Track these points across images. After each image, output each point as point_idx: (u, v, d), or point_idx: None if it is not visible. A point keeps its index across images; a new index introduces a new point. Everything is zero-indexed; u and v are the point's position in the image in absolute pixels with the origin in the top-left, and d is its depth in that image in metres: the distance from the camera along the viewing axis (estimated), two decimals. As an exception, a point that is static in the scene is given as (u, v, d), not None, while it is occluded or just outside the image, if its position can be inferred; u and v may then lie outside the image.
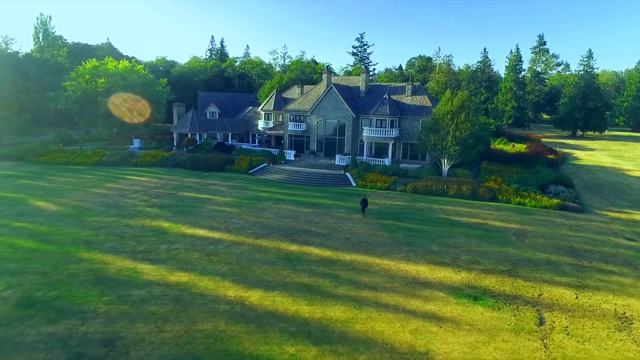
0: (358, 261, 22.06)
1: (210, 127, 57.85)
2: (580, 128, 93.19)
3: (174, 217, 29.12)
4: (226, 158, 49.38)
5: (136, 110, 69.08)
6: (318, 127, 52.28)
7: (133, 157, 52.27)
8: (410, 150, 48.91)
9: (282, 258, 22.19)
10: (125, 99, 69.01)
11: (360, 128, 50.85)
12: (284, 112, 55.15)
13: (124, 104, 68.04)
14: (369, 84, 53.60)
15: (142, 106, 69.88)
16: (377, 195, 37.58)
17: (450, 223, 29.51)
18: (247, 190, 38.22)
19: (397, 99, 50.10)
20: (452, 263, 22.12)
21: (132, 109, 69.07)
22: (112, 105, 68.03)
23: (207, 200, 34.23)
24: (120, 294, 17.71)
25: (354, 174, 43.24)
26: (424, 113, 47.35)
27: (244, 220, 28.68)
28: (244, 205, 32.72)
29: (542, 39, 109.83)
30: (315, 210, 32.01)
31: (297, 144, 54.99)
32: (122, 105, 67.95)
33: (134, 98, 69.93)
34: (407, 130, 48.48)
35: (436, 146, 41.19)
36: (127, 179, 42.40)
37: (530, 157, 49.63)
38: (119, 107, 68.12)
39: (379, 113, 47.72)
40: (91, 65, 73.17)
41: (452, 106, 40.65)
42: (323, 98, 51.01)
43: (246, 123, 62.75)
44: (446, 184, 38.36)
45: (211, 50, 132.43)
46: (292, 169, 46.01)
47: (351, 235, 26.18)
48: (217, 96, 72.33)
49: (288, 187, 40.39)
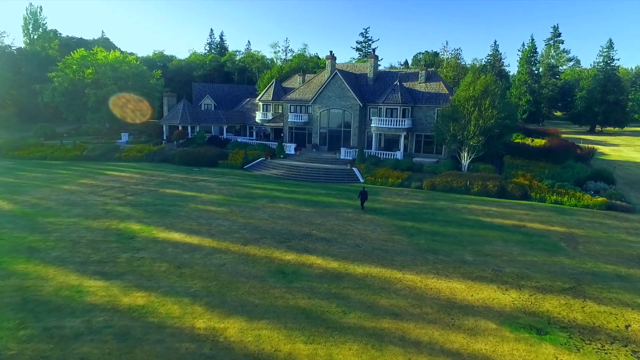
0: (373, 275, 17.06)
1: (203, 119, 52.97)
2: (599, 123, 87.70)
3: (148, 217, 24.20)
4: (219, 152, 44.49)
5: (128, 103, 64.40)
6: (321, 118, 47.31)
7: (117, 151, 47.48)
8: (424, 143, 43.81)
9: (275, 271, 17.22)
10: (116, 91, 64.45)
11: (368, 119, 45.82)
12: (284, 102, 50.21)
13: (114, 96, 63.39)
14: (378, 71, 48.54)
15: (134, 99, 65.23)
16: (390, 193, 32.54)
17: (480, 225, 24.44)
18: (240, 187, 33.28)
19: (410, 86, 45.02)
20: (495, 278, 17.06)
21: (122, 102, 64.43)
22: (101, 98, 63.50)
23: (191, 198, 29.31)
24: (46, 325, 12.78)
25: (362, 169, 38.22)
26: (440, 101, 42.26)
27: (232, 222, 23.72)
28: (233, 204, 27.78)
29: (557, 30, 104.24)
30: (318, 209, 27.03)
31: (298, 137, 50.04)
32: (112, 98, 63.33)
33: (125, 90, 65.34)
34: (421, 121, 43.39)
35: (456, 137, 36.08)
36: (106, 174, 37.58)
37: (559, 150, 44.41)
38: (108, 100, 63.54)
39: (390, 101, 42.67)
40: (79, 55, 68.56)
41: (475, 91, 35.54)
42: (327, 85, 46.03)
43: (243, 115, 57.85)
44: (469, 179, 33.27)
45: (210, 44, 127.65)
46: (292, 163, 41.06)
47: (362, 241, 21.16)
48: (213, 87, 67.49)
49: (287, 184, 35.43)
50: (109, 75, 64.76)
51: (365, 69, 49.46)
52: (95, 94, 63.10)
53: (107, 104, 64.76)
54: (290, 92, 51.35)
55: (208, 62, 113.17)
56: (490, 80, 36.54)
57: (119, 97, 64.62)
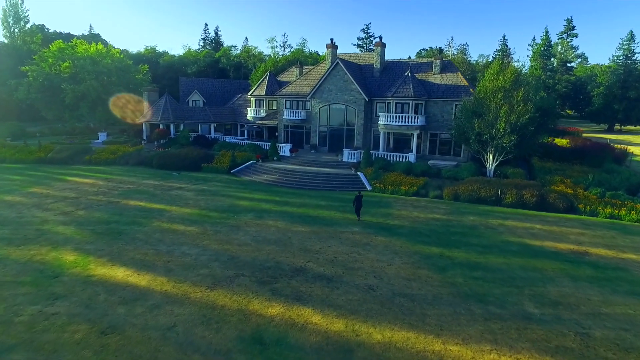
0: (397, 346, 11.19)
1: (188, 116, 47.06)
2: (619, 121, 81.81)
3: (92, 243, 18.32)
4: (203, 154, 38.62)
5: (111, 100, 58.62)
6: (321, 114, 41.44)
7: (88, 152, 41.62)
8: (439, 143, 37.91)
9: (249, 339, 11.34)
10: (96, 87, 58.68)
11: (374, 115, 39.97)
12: (278, 97, 44.34)
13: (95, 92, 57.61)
14: (385, 61, 42.65)
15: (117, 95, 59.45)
16: (404, 204, 26.67)
17: (530, 251, 18.58)
18: (222, 198, 27.41)
19: (423, 78, 39.13)
20: (584, 351, 11.18)
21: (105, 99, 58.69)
22: (80, 94, 57.73)
23: (158, 213, 23.43)
24: None
25: (369, 174, 32.35)
26: (459, 94, 36.37)
27: (201, 250, 17.85)
28: (209, 222, 21.90)
29: (571, 23, 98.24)
30: (316, 229, 21.15)
31: (294, 137, 44.19)
32: (92, 94, 57.55)
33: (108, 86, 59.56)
34: (436, 117, 37.49)
35: (481, 136, 30.19)
36: (65, 181, 31.72)
37: (594, 151, 38.50)
38: (88, 97, 57.78)
39: (400, 95, 36.78)
40: (56, 47, 62.73)
41: (504, 81, 29.64)
42: (327, 77, 40.16)
43: (234, 112, 51.96)
44: (500, 188, 27.39)
45: (205, 39, 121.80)
46: (287, 167, 35.18)
47: (376, 280, 15.29)
48: (202, 83, 61.64)
49: (280, 193, 29.56)
50: (89, 69, 58.90)
51: (370, 59, 43.58)
52: (73, 90, 57.29)
53: (86, 101, 59.07)
54: (285, 85, 45.49)
55: (202, 58, 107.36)
56: (520, 70, 30.60)
57: (101, 94, 58.94)
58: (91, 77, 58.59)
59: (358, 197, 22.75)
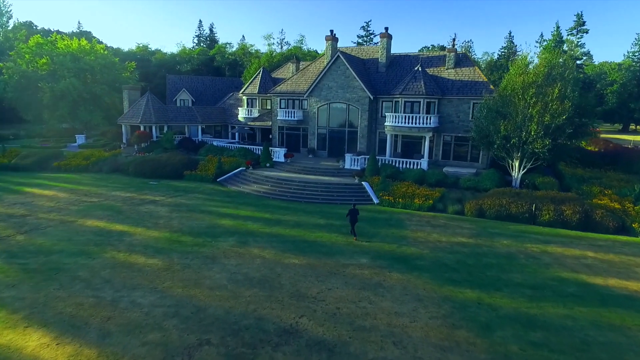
0: None
1: (172, 117, 42.47)
2: (635, 121, 77.49)
3: (14, 286, 13.78)
4: (186, 160, 34.07)
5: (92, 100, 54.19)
6: (319, 114, 36.93)
7: (59, 158, 37.08)
8: (454, 147, 33.39)
9: None
10: (77, 86, 54.06)
11: (379, 115, 35.47)
12: (272, 95, 39.79)
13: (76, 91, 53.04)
14: (391, 54, 38.10)
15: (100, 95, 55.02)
16: (419, 222, 22.16)
17: (593, 295, 14.08)
18: (201, 215, 22.89)
19: (435, 73, 34.62)
20: None
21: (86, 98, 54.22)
22: (59, 93, 53.14)
23: (118, 237, 18.92)
24: None
25: (375, 184, 27.83)
26: (477, 91, 31.87)
27: (159, 297, 13.33)
28: (179, 250, 17.39)
29: (581, 18, 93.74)
30: (313, 260, 16.64)
31: (290, 140, 39.69)
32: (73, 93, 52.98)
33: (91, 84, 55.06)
34: (451, 118, 32.98)
35: (508, 140, 25.69)
36: (22, 192, 27.19)
37: (628, 156, 34.00)
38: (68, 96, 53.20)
39: (410, 92, 32.27)
40: (34, 42, 58.10)
41: (536, 75, 25.14)
42: (326, 73, 35.64)
43: (224, 113, 47.40)
44: (532, 201, 22.89)
45: (199, 37, 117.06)
46: (281, 175, 30.66)
47: (398, 350, 10.77)
48: (191, 80, 57.14)
49: (271, 208, 25.03)
50: (69, 66, 54.28)
51: (374, 53, 39.05)
52: (51, 89, 52.71)
53: (67, 101, 54.49)
54: (280, 82, 40.96)
55: (196, 55, 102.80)
56: (556, 60, 26.10)
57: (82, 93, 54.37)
58: (71, 74, 53.99)
59: (353, 210, 19.20)
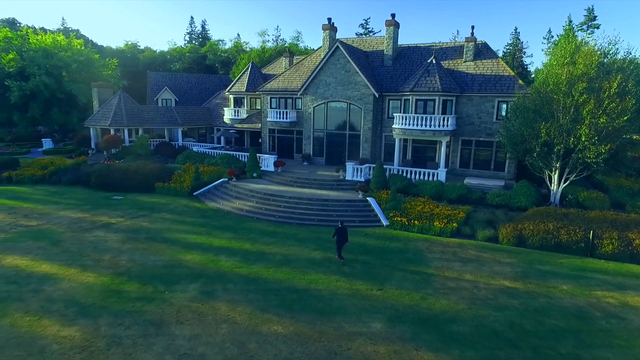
0: None
1: (148, 119, 37.24)
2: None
3: None
4: (159, 169, 28.89)
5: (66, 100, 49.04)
6: (316, 115, 31.83)
7: (13, 167, 31.81)
8: (474, 154, 28.34)
9: None
10: (49, 84, 48.84)
11: (385, 116, 30.41)
12: (262, 93, 34.65)
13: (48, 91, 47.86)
14: (399, 46, 33.03)
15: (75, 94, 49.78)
16: (444, 255, 17.03)
17: None
18: (161, 246, 17.70)
19: (451, 67, 29.57)
20: None
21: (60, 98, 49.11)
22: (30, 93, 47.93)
23: (36, 285, 13.73)
24: None
25: (384, 201, 22.66)
26: (503, 87, 26.82)
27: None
28: (114, 309, 12.22)
29: (592, 12, 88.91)
30: (304, 327, 11.47)
31: (282, 144, 34.57)
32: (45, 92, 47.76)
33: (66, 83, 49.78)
34: (471, 119, 27.92)
35: (551, 147, 20.61)
36: (-54, 213, 21.97)
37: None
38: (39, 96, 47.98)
39: (422, 89, 27.18)
40: (2, 36, 52.80)
41: (587, 67, 20.06)
42: (323, 66, 30.55)
43: (209, 114, 42.22)
44: (589, 226, 17.81)
45: (191, 34, 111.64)
46: (269, 189, 25.51)
47: None
48: (175, 78, 51.95)
49: (253, 233, 19.86)
50: (40, 62, 49.03)
51: (378, 44, 33.96)
52: (20, 87, 47.46)
53: (38, 101, 49.26)
54: (271, 79, 35.83)
55: (187, 53, 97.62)
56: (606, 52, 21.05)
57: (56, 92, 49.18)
58: (42, 71, 48.72)
59: (340, 230, 16.14)
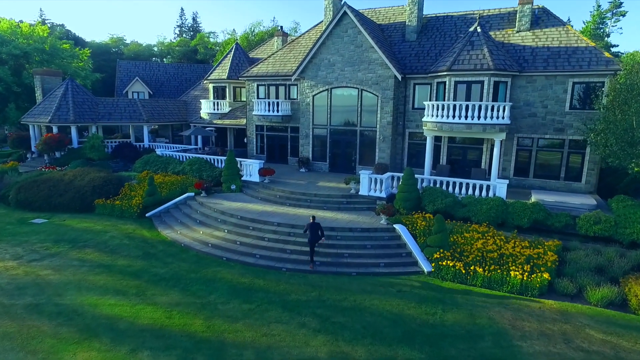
0: None
1: (105, 114, 29.44)
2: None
3: None
4: (103, 180, 21.11)
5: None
6: (316, 106, 24.11)
7: None
8: (536, 157, 20.59)
9: None
10: (3, 77, 41.29)
11: (409, 106, 22.70)
12: (247, 79, 26.94)
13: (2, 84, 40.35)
14: (424, 16, 25.34)
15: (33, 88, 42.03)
16: (544, 336, 9.23)
17: None
18: (45, 326, 9.94)
19: (499, 39, 21.86)
20: None
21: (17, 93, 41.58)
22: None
23: None
24: None
25: (421, 231, 14.90)
26: (580, 63, 19.11)
27: None
28: None
29: None
30: None
31: (273, 146, 26.87)
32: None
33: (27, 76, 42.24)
34: (531, 109, 20.19)
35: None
36: None
37: None
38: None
39: (465, 67, 19.46)
40: (-55, 19, 45.14)
41: None
42: (326, 40, 22.85)
43: (185, 108, 34.47)
44: None
45: (181, 27, 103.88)
46: (251, 209, 17.73)
47: None
48: (148, 67, 44.23)
49: (216, 293, 12.07)
50: (-7, 51, 41.43)
51: (398, 15, 26.23)
52: (-32, 81, 39.94)
53: (-8, 96, 41.69)
54: (259, 62, 28.10)
55: (176, 47, 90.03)
56: None
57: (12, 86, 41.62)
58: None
59: (313, 225, 12.97)
